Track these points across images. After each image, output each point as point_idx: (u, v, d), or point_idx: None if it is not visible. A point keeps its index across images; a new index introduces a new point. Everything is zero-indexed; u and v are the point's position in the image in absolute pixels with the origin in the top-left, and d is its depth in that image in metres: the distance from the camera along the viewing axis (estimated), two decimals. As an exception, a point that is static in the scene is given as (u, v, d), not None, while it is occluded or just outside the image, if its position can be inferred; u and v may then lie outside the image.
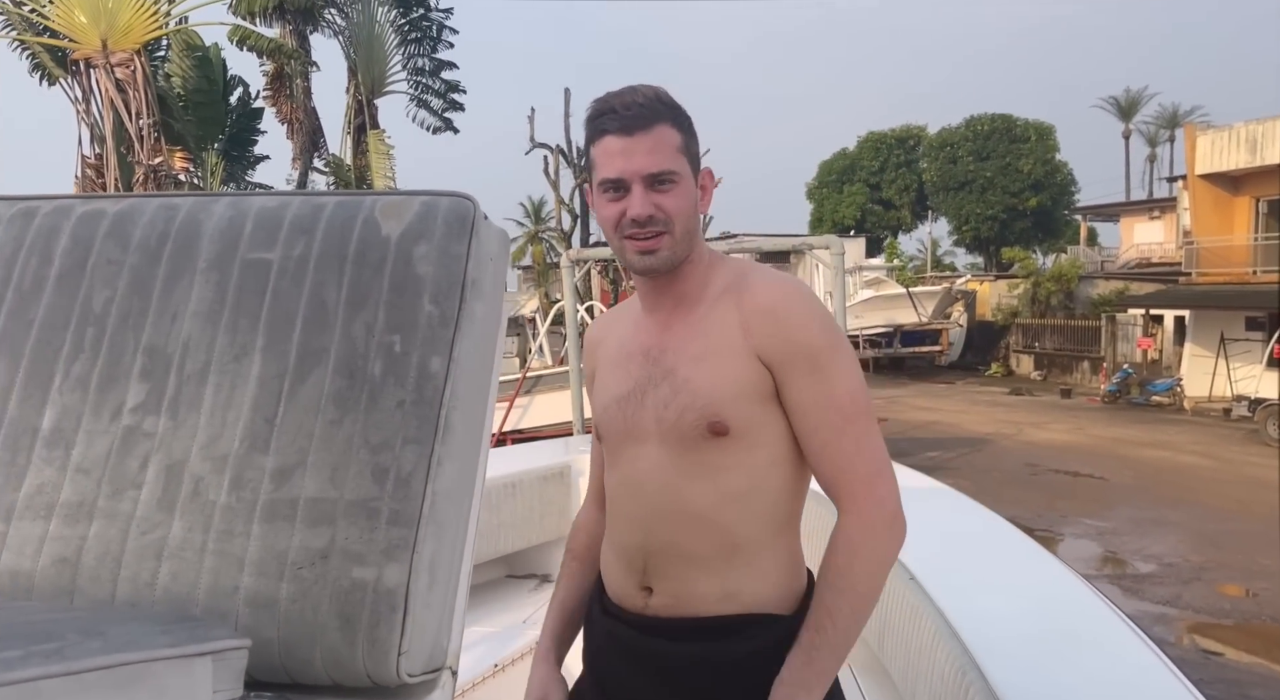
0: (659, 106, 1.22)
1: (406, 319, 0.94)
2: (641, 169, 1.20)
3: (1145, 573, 8.68)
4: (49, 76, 16.04)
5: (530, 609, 3.32)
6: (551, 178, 17.71)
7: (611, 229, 1.25)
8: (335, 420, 0.91)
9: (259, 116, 21.16)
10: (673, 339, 1.28)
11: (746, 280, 1.26)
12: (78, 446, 0.92)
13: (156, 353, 0.95)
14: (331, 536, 0.87)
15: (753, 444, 1.22)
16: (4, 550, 0.89)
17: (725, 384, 1.21)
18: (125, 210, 1.02)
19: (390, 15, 19.63)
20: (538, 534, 3.53)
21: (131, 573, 0.87)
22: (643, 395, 1.28)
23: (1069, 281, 26.24)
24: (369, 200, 1.01)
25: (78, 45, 14.54)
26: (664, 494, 1.26)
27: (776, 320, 1.20)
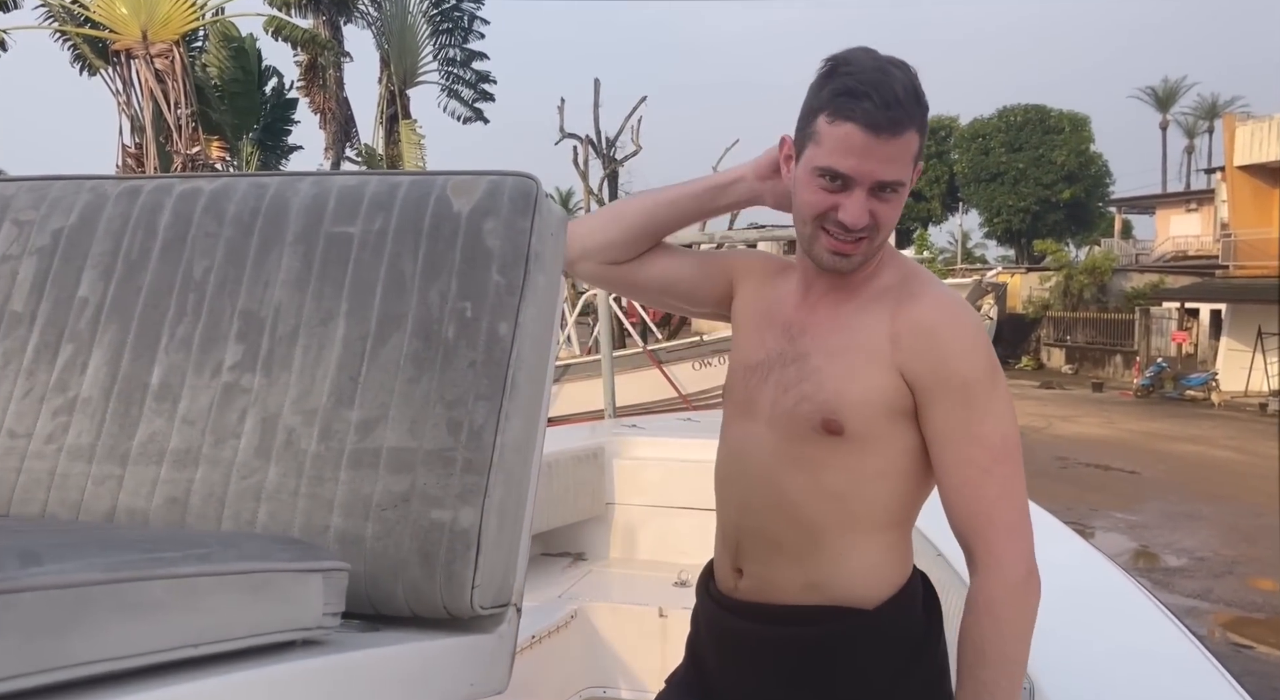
0: (915, 108, 1.10)
1: (476, 287, 1.03)
2: (875, 175, 1.10)
3: (1176, 566, 8.64)
4: (90, 67, 16.38)
5: (565, 584, 3.42)
6: (580, 168, 17.80)
7: (810, 215, 1.15)
8: (413, 378, 1.00)
9: (293, 107, 21.49)
10: (817, 323, 1.21)
11: (909, 289, 1.18)
12: (183, 400, 1.02)
13: (251, 317, 1.05)
14: (412, 482, 0.96)
15: (865, 451, 1.16)
16: (121, 492, 0.99)
17: (853, 386, 1.15)
18: (220, 188, 1.12)
19: (422, 6, 19.79)
20: (572, 513, 3.63)
21: (234, 512, 0.97)
22: (769, 371, 1.23)
23: (1102, 274, 25.92)
24: (440, 179, 1.10)
25: (118, 36, 14.84)
26: (763, 478, 1.22)
27: (934, 342, 1.12)
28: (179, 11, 14.92)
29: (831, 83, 1.11)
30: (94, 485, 1.00)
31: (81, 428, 1.02)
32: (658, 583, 3.36)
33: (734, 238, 12.10)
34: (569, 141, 17.55)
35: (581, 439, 3.91)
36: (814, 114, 1.13)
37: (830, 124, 1.10)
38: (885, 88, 1.08)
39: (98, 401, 1.03)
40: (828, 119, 1.11)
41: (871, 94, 1.08)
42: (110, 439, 1.01)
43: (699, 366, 11.78)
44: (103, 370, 1.04)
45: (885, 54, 1.14)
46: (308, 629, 0.76)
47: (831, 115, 1.10)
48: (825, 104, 1.11)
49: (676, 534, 3.58)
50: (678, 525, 3.58)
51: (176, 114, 14.79)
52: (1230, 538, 9.44)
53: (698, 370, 11.76)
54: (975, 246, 44.82)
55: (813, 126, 1.13)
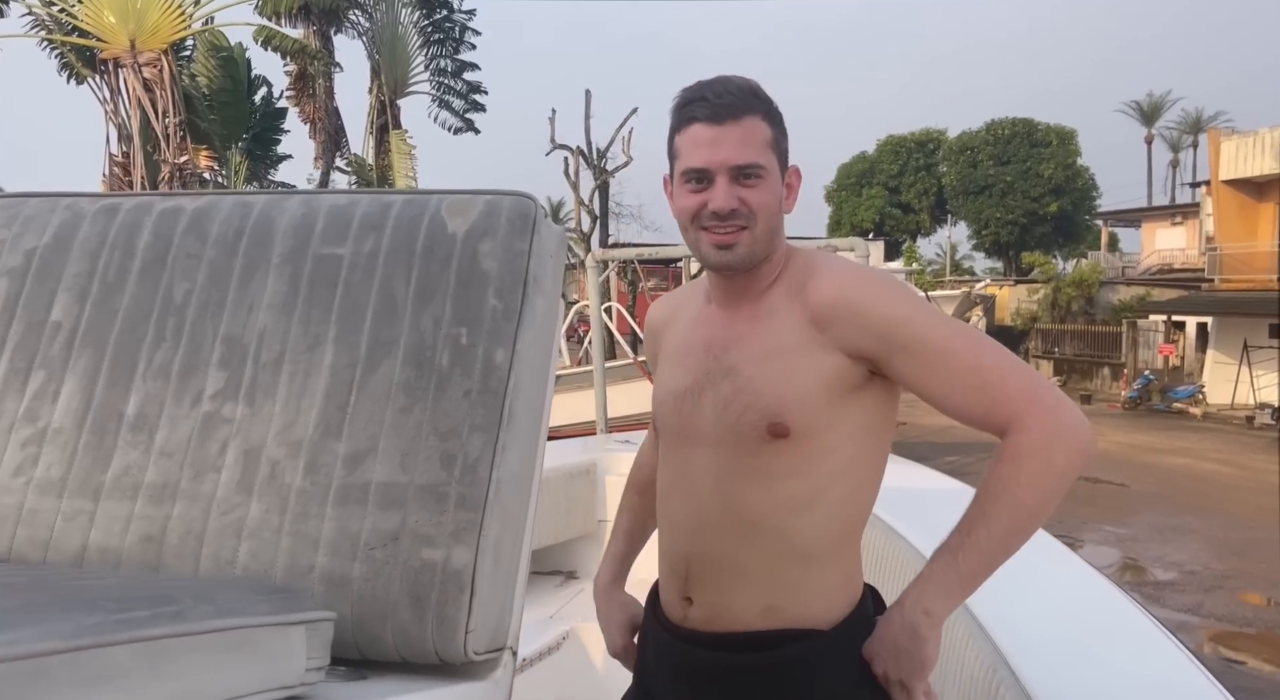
0: (751, 98, 1.17)
1: (472, 312, 0.98)
2: (728, 160, 1.14)
3: (1166, 580, 8.62)
4: (77, 76, 16.26)
5: (556, 605, 3.36)
6: (571, 179, 17.77)
7: (689, 220, 1.19)
8: (405, 408, 0.95)
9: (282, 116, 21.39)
10: (737, 335, 1.22)
11: (810, 272, 1.21)
12: (161, 431, 0.97)
13: (234, 342, 1.00)
14: (402, 519, 0.91)
15: (815, 450, 1.16)
16: (93, 528, 0.94)
17: (790, 384, 1.15)
18: (203, 207, 1.07)
19: (414, 16, 19.78)
20: (564, 530, 3.57)
21: (213, 550, 0.92)
22: (700, 393, 1.22)
23: (1090, 287, 26.07)
24: (435, 198, 1.05)
25: (106, 45, 14.74)
26: (715, 500, 1.20)
27: (855, 307, 1.14)
28: (168, 21, 14.83)
29: (675, 104, 1.20)
30: (64, 521, 0.94)
31: (51, 460, 0.97)
32: None
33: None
34: (560, 152, 17.52)
35: (573, 455, 3.86)
36: (671, 138, 1.22)
37: (680, 134, 1.19)
38: (717, 86, 1.17)
39: (69, 432, 0.97)
40: (677, 133, 1.19)
41: (705, 94, 1.16)
42: (82, 472, 0.96)
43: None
44: (75, 399, 0.99)
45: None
46: (290, 687, 0.71)
47: (677, 125, 1.19)
48: (674, 122, 1.20)
49: (670, 552, 3.51)
50: (671, 543, 3.51)
51: (164, 123, 14.68)
52: (1220, 551, 9.44)
53: (688, 382, 11.67)
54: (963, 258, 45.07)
55: (672, 147, 1.21)
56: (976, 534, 1.08)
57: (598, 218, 18.00)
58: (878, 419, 1.21)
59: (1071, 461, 1.07)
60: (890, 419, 1.24)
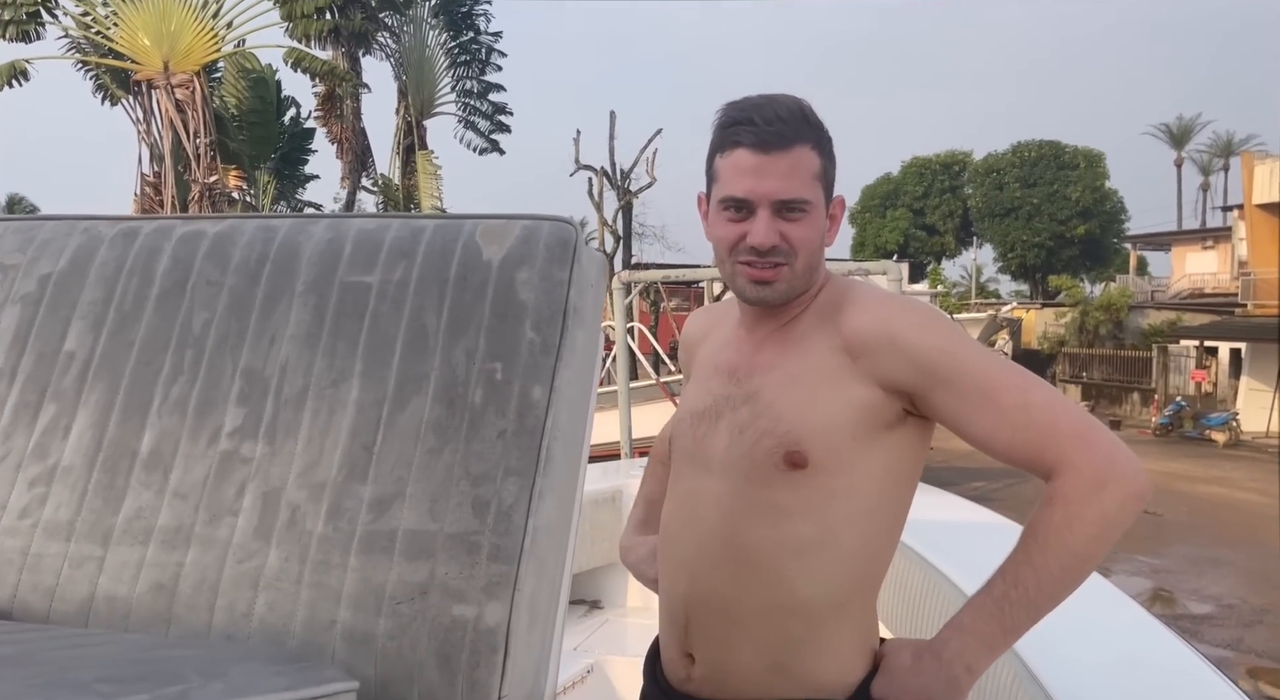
0: (802, 125, 1.10)
1: (508, 346, 0.92)
2: (772, 193, 1.07)
3: (1203, 614, 8.37)
4: (111, 97, 16.55)
5: (582, 636, 3.27)
6: (595, 199, 17.81)
7: (725, 251, 1.13)
8: (435, 449, 0.88)
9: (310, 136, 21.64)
10: (763, 361, 1.16)
11: (847, 298, 1.14)
12: (175, 470, 0.91)
13: (254, 376, 0.94)
14: (431, 571, 0.84)
15: (832, 488, 1.08)
16: (102, 575, 0.87)
17: (813, 411, 1.09)
18: (225, 231, 1.02)
19: (441, 38, 20.00)
20: (589, 559, 3.48)
21: (228, 602, 0.85)
22: (718, 417, 1.16)
23: (1118, 311, 25.73)
24: (469, 224, 0.99)
25: (140, 67, 15.00)
26: (718, 536, 1.12)
27: (893, 336, 1.07)
28: (200, 43, 15.08)
29: (720, 120, 1.13)
30: (71, 568, 0.88)
31: (60, 500, 0.91)
32: None
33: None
34: (584, 173, 17.58)
35: (596, 481, 3.78)
36: (711, 158, 1.14)
37: (722, 156, 1.11)
38: (766, 109, 1.09)
39: (80, 471, 0.91)
40: (719, 154, 1.12)
41: (753, 116, 1.09)
42: (92, 514, 0.90)
43: (712, 400, 11.63)
44: (87, 435, 0.93)
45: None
46: (307, 769, 0.64)
47: (719, 146, 1.12)
48: (716, 143, 1.13)
49: (696, 582, 3.42)
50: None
51: (195, 143, 14.89)
52: (1259, 585, 9.17)
53: (711, 404, 11.60)
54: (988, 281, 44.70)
55: (712, 169, 1.14)
56: (1023, 582, 1.01)
57: (621, 238, 18.01)
58: (904, 465, 1.13)
59: (1125, 508, 1.00)
60: (916, 468, 1.16)
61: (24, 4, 14.20)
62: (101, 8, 15.17)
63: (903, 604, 2.26)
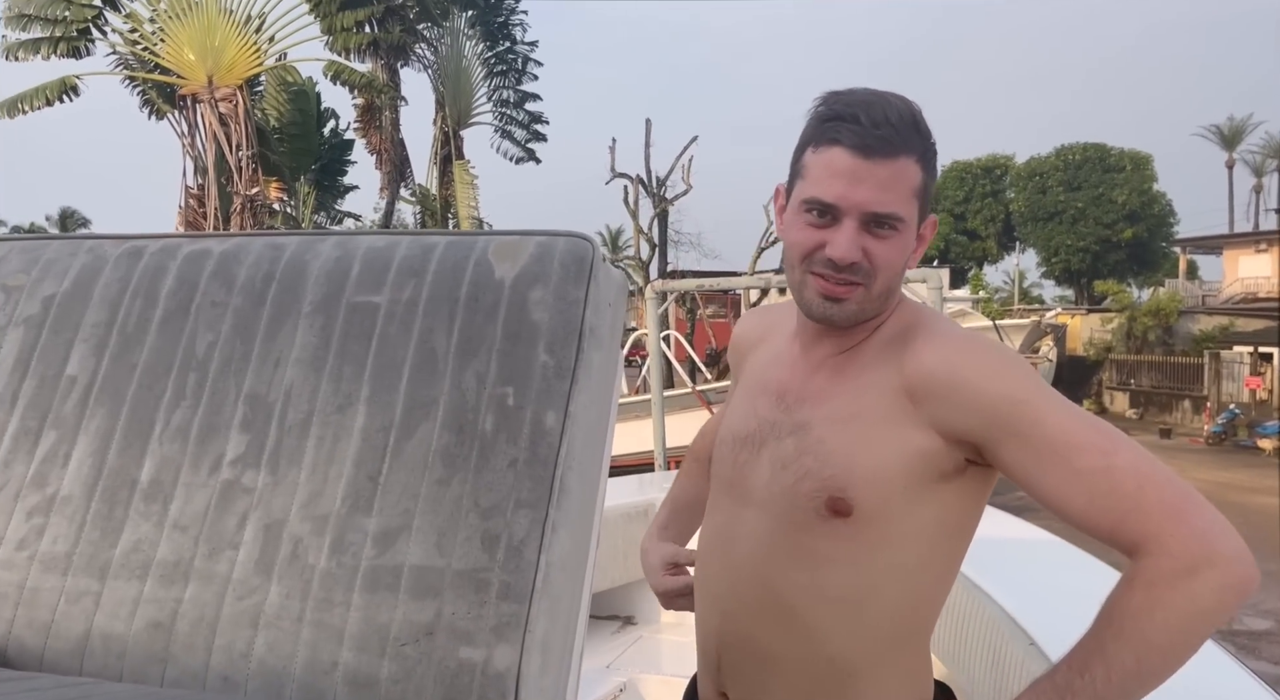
0: (911, 132, 0.99)
1: (520, 369, 0.87)
2: (865, 203, 0.97)
3: (1262, 630, 8.07)
4: (157, 111, 16.94)
5: (613, 653, 3.21)
6: (630, 207, 17.80)
7: (798, 256, 1.03)
8: (443, 480, 0.84)
9: (349, 148, 21.97)
10: (817, 390, 1.06)
11: (915, 332, 1.03)
12: (176, 500, 0.87)
13: (258, 401, 0.90)
14: (437, 610, 0.79)
15: (877, 539, 0.99)
16: (98, 612, 0.84)
17: (864, 456, 0.99)
18: (231, 249, 0.98)
19: (478, 49, 20.18)
20: (620, 574, 3.43)
21: (226, 641, 0.81)
22: (761, 445, 1.08)
23: (1168, 316, 25.08)
24: (482, 241, 0.95)
25: (185, 81, 15.34)
26: (753, 574, 1.05)
27: (958, 382, 0.96)
28: (243, 57, 15.38)
29: (821, 111, 1.02)
30: (67, 603, 0.85)
31: (58, 532, 0.87)
32: None
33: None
34: (620, 181, 17.58)
35: (630, 493, 3.73)
36: (802, 149, 1.04)
37: (815, 152, 1.01)
38: (876, 108, 0.98)
39: (79, 501, 0.88)
40: (813, 148, 1.01)
41: (860, 114, 0.97)
42: (89, 547, 0.86)
43: (749, 408, 11.53)
44: (86, 463, 0.89)
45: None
46: None
47: (813, 139, 1.01)
48: (811, 134, 1.02)
49: (731, 598, 3.36)
50: (732, 588, 3.36)
51: (237, 156, 15.17)
52: (1320, 601, 8.82)
53: (748, 412, 11.51)
54: (1032, 286, 43.93)
55: (800, 162, 1.04)
56: (1092, 673, 0.88)
57: (656, 245, 17.99)
58: (959, 518, 1.03)
59: (1222, 599, 0.85)
60: (972, 522, 1.06)
61: (74, 21, 14.59)
62: (149, 24, 15.55)
63: (944, 627, 2.18)
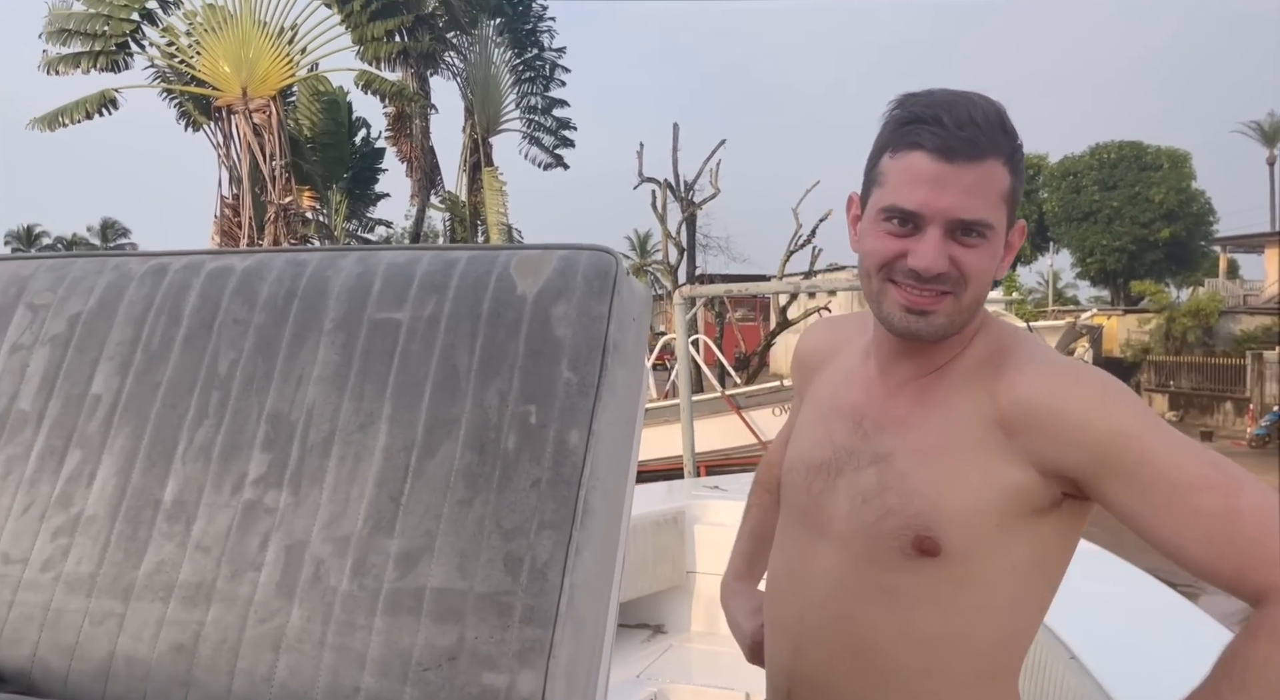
0: (998, 133, 0.93)
1: (543, 387, 0.85)
2: (950, 210, 0.91)
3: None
4: (194, 123, 17.24)
5: (644, 662, 3.19)
6: (659, 211, 17.79)
7: (875, 266, 0.97)
8: (465, 500, 0.82)
9: (380, 156, 22.21)
10: (899, 416, 1.00)
11: (1005, 359, 0.96)
12: (199, 521, 0.87)
13: (280, 420, 0.89)
14: (460, 635, 0.78)
15: (966, 579, 0.94)
16: (122, 634, 0.84)
17: (954, 493, 0.93)
18: (253, 266, 0.98)
19: (506, 56, 20.31)
20: (651, 583, 3.40)
21: (248, 665, 0.80)
22: (837, 474, 1.02)
23: (1208, 316, 24.57)
24: (503, 255, 0.94)
25: (220, 93, 15.61)
26: (829, 611, 1.01)
27: (1060, 414, 0.89)
28: (277, 69, 15.62)
29: (898, 114, 0.96)
30: (91, 625, 0.84)
31: (83, 553, 0.87)
32: (743, 662, 3.11)
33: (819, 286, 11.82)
34: (647, 185, 17.58)
35: (659, 501, 3.70)
36: (878, 154, 0.98)
37: (894, 157, 0.95)
38: (959, 108, 0.92)
39: (103, 521, 0.88)
40: (892, 153, 0.95)
41: (941, 116, 0.91)
42: (113, 568, 0.86)
43: (779, 412, 11.49)
44: (110, 483, 0.89)
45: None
46: None
47: (891, 143, 0.95)
48: (889, 139, 0.96)
49: (762, 607, 3.32)
50: (764, 597, 3.32)
51: (271, 165, 15.40)
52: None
53: (778, 416, 11.46)
54: (1066, 287, 43.27)
55: (877, 168, 0.98)
56: None
57: (685, 250, 17.96)
58: (1053, 554, 0.97)
59: None
60: (1067, 557, 0.99)
61: (113, 36, 14.90)
62: (185, 37, 15.84)
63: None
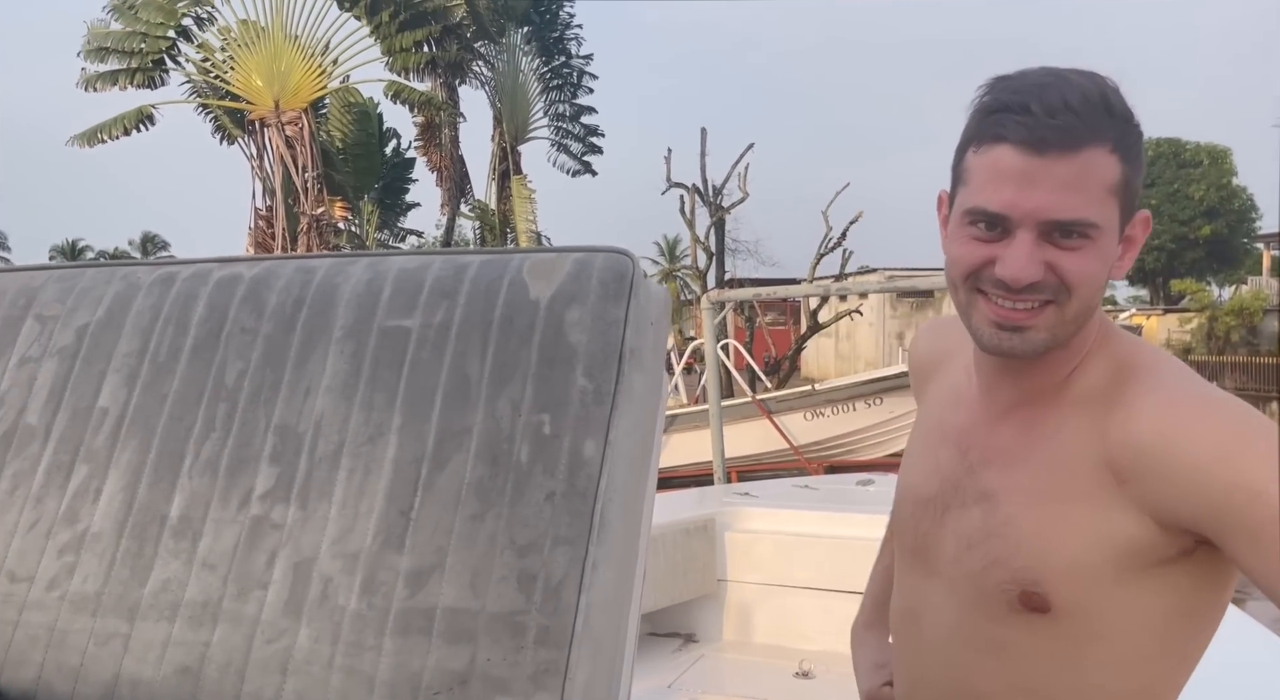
0: (1100, 117, 0.80)
1: (557, 395, 0.82)
2: (1041, 210, 0.80)
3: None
4: (228, 136, 17.52)
5: (675, 672, 3.14)
6: (687, 216, 17.75)
7: (960, 275, 0.86)
8: (477, 515, 0.79)
9: (411, 166, 22.40)
10: (1003, 446, 0.90)
11: (1127, 384, 0.84)
12: (205, 537, 0.84)
13: (288, 432, 0.86)
14: (472, 656, 0.74)
15: (1083, 637, 0.84)
16: (127, 655, 0.81)
17: (1062, 544, 0.83)
18: (261, 274, 0.96)
19: (534, 64, 20.40)
20: (681, 591, 3.36)
21: (255, 687, 0.78)
22: (944, 511, 0.93)
23: (1252, 315, 23.99)
24: (516, 259, 0.90)
25: (253, 107, 15.84)
26: (940, 655, 0.94)
27: (1172, 465, 0.77)
28: (308, 81, 15.82)
29: (985, 101, 0.85)
30: (96, 646, 0.82)
31: (88, 571, 0.85)
32: (777, 672, 3.05)
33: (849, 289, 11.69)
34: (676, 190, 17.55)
35: (689, 508, 3.65)
36: (963, 150, 0.87)
37: (978, 152, 0.83)
38: (1050, 92, 0.80)
39: (109, 538, 0.86)
40: (975, 147, 0.84)
41: (1030, 102, 0.80)
42: (119, 586, 0.84)
43: (810, 417, 11.37)
44: (117, 499, 0.87)
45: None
46: None
47: (979, 141, 0.84)
48: (973, 131, 0.85)
49: (795, 616, 3.27)
50: (796, 606, 3.27)
51: (303, 177, 15.59)
52: None
53: (809, 421, 11.34)
54: (1104, 287, 42.46)
55: (962, 164, 0.87)
56: None
57: (713, 254, 17.89)
58: (1195, 602, 0.85)
59: None
60: (1216, 599, 0.87)
61: (149, 53, 15.19)
62: (219, 53, 16.11)
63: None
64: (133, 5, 15.09)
